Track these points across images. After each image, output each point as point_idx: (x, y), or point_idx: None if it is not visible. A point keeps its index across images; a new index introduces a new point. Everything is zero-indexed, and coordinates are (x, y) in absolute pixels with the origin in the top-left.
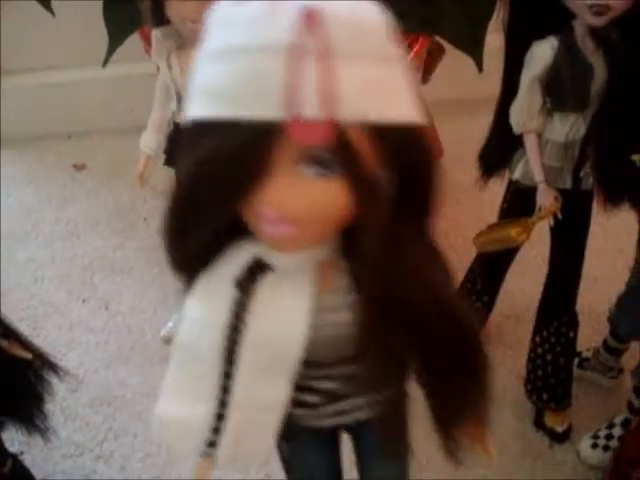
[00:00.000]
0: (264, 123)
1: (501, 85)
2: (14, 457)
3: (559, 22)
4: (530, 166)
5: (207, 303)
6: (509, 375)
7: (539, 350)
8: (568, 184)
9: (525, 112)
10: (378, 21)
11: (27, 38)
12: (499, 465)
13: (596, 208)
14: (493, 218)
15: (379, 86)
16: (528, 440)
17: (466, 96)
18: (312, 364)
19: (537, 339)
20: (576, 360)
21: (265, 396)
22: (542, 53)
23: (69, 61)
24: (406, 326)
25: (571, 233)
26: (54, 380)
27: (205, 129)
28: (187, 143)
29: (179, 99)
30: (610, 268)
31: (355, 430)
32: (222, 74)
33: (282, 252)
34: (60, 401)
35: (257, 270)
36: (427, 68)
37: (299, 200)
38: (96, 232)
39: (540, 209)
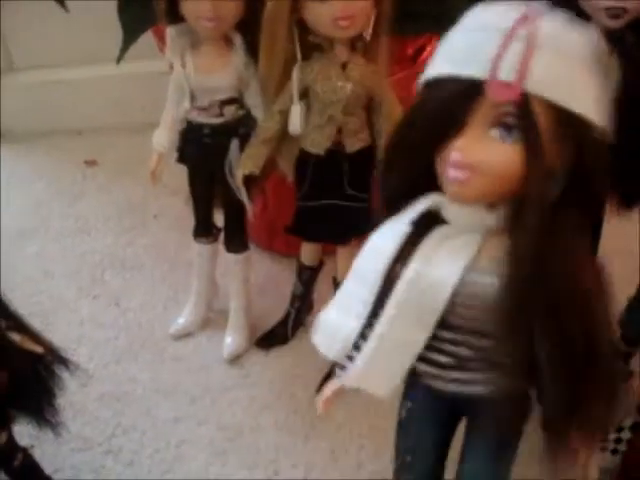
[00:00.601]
0: (471, 81)
1: None
2: (24, 451)
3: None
4: None
5: (383, 236)
6: None
7: None
8: None
9: None
10: (586, 39)
11: (37, 35)
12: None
13: (609, 210)
14: None
15: (570, 80)
16: (535, 442)
17: None
18: (451, 327)
19: None
20: None
21: (402, 336)
22: None
23: (80, 58)
24: (542, 311)
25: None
26: (64, 375)
27: (430, 84)
28: (418, 97)
29: (192, 97)
30: (622, 270)
31: (472, 415)
32: (456, 41)
33: (454, 199)
34: (69, 396)
35: (432, 218)
36: None
37: (480, 152)
38: (107, 229)
39: None
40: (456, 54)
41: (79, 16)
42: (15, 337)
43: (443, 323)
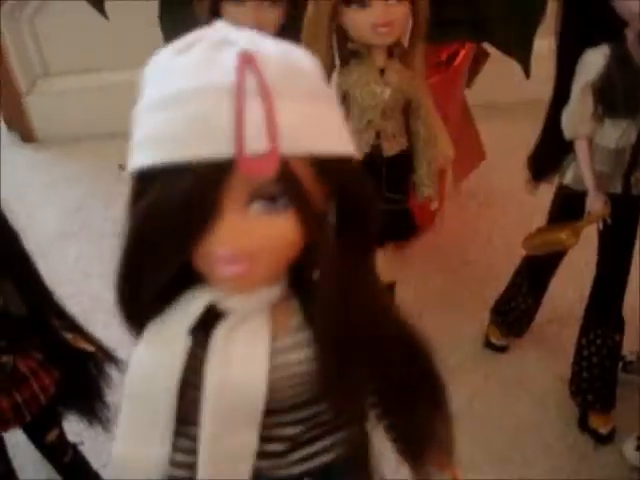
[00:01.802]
0: (212, 163)
1: (552, 90)
2: (74, 447)
3: (611, 30)
4: (580, 171)
5: (160, 352)
6: (553, 378)
7: (585, 352)
8: (618, 189)
9: (577, 118)
10: (309, 63)
11: (72, 40)
12: (543, 466)
13: None
14: (535, 222)
15: (315, 122)
16: (572, 441)
17: (506, 101)
18: (271, 411)
19: (583, 341)
20: (620, 363)
21: (232, 446)
22: (594, 60)
23: (113, 63)
24: (363, 357)
25: (619, 237)
26: (112, 373)
27: (151, 178)
28: (134, 192)
29: None
30: None
31: (321, 477)
32: (167, 120)
33: (236, 293)
34: (115, 393)
35: (211, 317)
36: (471, 72)
37: (250, 237)
38: None
39: (589, 213)
40: (174, 134)
41: (112, 22)
42: (67, 336)
43: (272, 410)
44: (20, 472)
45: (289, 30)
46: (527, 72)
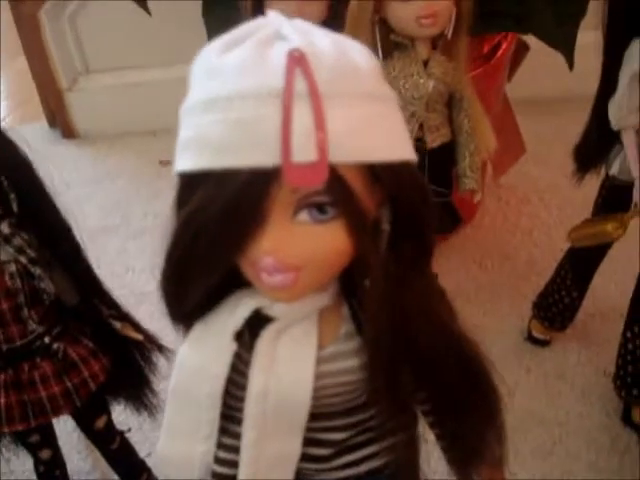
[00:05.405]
0: (258, 171)
1: (599, 80)
2: (121, 434)
3: None
4: (627, 162)
5: (206, 353)
6: (596, 372)
7: (630, 346)
8: None
9: (624, 108)
10: (366, 60)
11: (112, 38)
12: (586, 460)
13: None
14: (576, 217)
15: (370, 127)
16: (616, 435)
17: (545, 96)
18: (318, 415)
19: (628, 334)
20: None
21: (275, 451)
22: None
23: (153, 60)
24: (415, 366)
25: None
26: (160, 362)
27: (196, 181)
28: (180, 194)
29: None
30: None
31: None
32: (212, 124)
33: (281, 301)
34: (163, 382)
35: (257, 322)
36: (512, 66)
37: (297, 247)
38: None
39: (636, 205)
40: (218, 139)
41: (153, 19)
42: (116, 324)
43: (318, 415)
44: (66, 460)
45: (332, 23)
46: (570, 64)
